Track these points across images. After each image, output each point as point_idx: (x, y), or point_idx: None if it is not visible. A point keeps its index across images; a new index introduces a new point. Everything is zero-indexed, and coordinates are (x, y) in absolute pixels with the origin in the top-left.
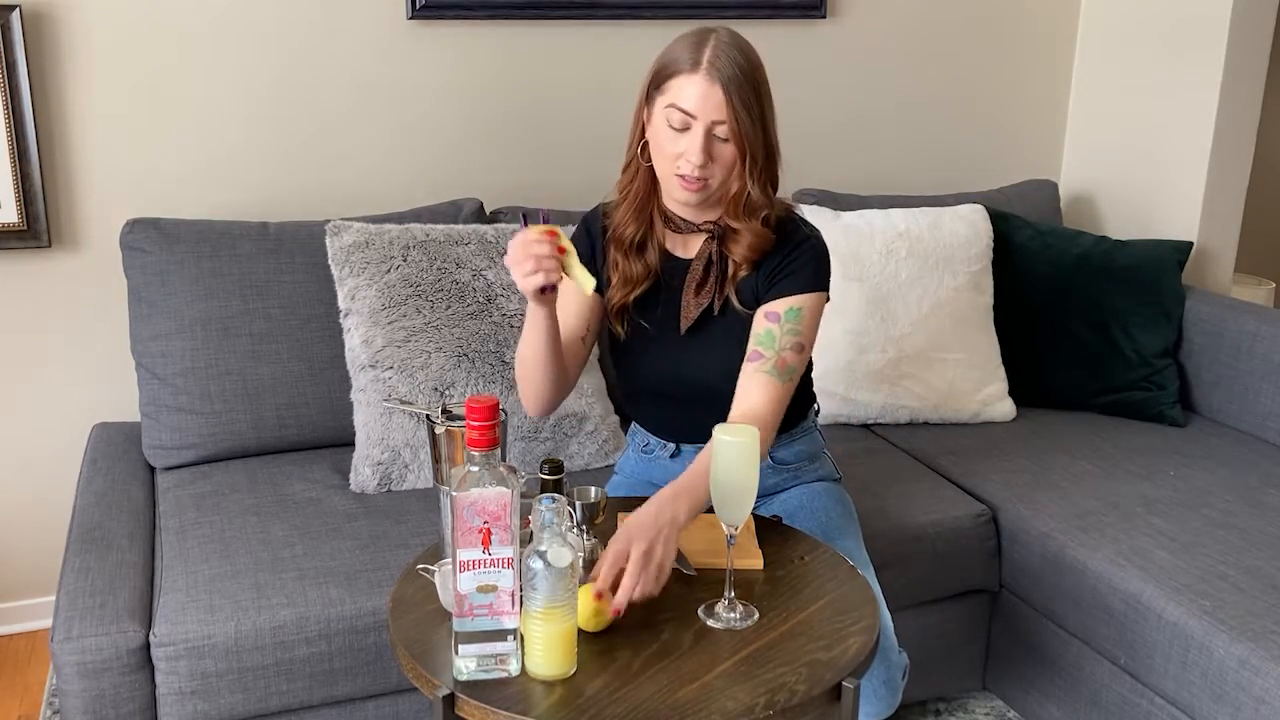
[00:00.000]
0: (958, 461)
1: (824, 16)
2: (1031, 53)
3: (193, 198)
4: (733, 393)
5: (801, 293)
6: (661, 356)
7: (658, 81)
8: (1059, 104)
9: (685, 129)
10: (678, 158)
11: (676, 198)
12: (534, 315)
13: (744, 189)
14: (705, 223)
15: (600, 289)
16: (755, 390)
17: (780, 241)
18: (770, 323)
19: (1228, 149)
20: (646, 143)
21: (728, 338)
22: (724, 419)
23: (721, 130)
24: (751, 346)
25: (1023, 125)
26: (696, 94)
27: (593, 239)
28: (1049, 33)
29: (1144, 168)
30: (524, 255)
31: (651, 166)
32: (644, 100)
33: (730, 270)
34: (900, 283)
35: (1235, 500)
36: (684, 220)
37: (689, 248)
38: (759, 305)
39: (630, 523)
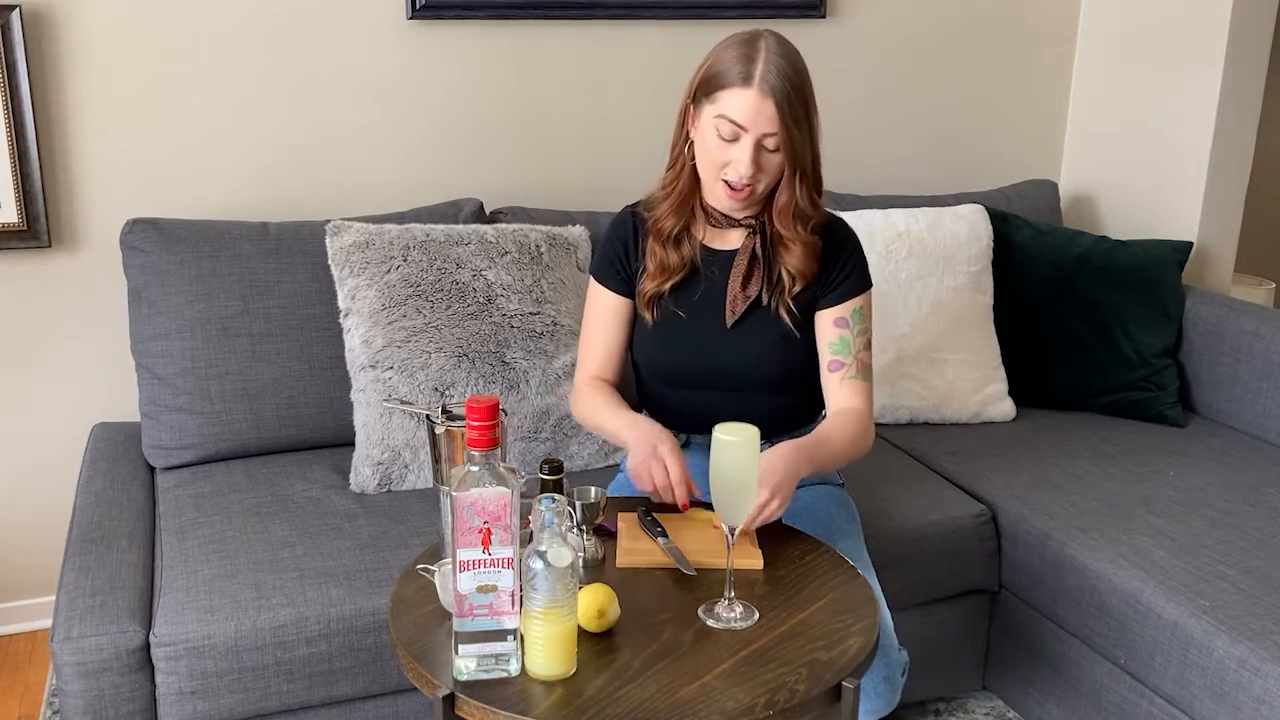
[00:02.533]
0: (958, 461)
1: (824, 16)
2: (1031, 53)
3: (193, 198)
4: (767, 379)
5: (860, 293)
6: (701, 345)
7: (707, 89)
8: (1059, 104)
9: (735, 140)
10: (725, 165)
11: (721, 203)
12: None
13: (792, 199)
14: (745, 218)
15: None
16: (849, 395)
17: (827, 245)
18: (841, 329)
19: (1228, 149)
20: (691, 141)
21: (770, 329)
22: (754, 406)
23: (771, 142)
24: (830, 356)
25: (1023, 125)
26: (748, 108)
27: (624, 238)
28: (1049, 33)
29: (1144, 168)
30: (647, 474)
31: (695, 164)
32: (690, 101)
33: (785, 281)
34: (900, 283)
35: (1235, 500)
36: (724, 216)
37: (729, 240)
38: (815, 307)
39: (769, 470)
